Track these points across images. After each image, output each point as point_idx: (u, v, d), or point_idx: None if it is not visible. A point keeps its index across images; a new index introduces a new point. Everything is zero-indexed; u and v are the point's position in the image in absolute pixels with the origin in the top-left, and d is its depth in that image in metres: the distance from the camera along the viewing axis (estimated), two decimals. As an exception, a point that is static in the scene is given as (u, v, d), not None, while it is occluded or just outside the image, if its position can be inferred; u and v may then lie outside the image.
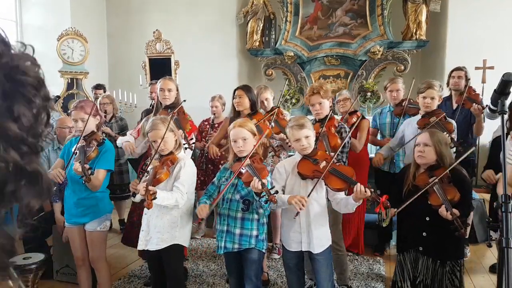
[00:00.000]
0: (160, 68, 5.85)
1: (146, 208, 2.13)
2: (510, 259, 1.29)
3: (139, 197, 2.27)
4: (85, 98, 5.65)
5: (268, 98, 3.59)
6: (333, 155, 2.33)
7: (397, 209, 2.24)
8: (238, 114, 3.22)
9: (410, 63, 6.04)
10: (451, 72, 3.92)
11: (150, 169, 2.34)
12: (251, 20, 6.59)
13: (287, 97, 6.30)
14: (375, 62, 6.17)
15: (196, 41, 6.84)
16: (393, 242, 3.76)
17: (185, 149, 2.61)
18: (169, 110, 3.06)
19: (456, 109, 3.68)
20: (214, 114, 4.13)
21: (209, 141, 3.85)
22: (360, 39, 6.16)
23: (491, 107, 3.34)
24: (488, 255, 3.75)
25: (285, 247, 2.38)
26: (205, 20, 6.88)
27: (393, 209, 2.26)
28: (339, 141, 2.75)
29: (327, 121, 2.84)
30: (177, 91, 3.15)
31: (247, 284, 2.31)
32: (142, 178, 2.33)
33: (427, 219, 2.28)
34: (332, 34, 6.31)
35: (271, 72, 6.63)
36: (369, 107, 6.04)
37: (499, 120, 3.24)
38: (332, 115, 2.93)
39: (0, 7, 6.48)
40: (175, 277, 2.43)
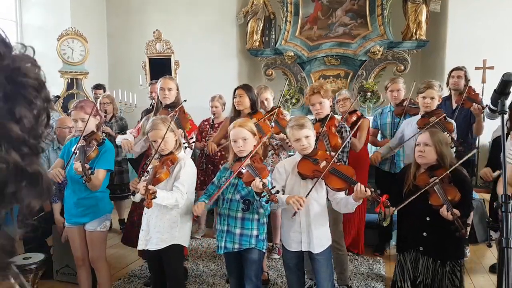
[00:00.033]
0: (160, 68, 5.85)
1: (146, 207, 2.13)
2: (510, 259, 1.29)
3: (139, 197, 2.27)
4: (85, 98, 5.65)
5: (268, 98, 3.59)
6: (334, 154, 2.33)
7: (396, 207, 2.24)
8: (238, 113, 3.22)
9: (410, 63, 6.04)
10: (451, 71, 3.92)
11: (150, 168, 2.34)
12: (251, 20, 6.59)
13: (287, 97, 6.30)
14: (375, 62, 6.16)
15: (196, 41, 6.84)
16: (393, 242, 3.75)
17: (185, 148, 2.62)
18: (169, 109, 3.06)
19: (455, 108, 3.68)
20: (214, 114, 4.13)
21: (209, 141, 3.86)
22: (360, 39, 6.16)
23: (491, 107, 3.34)
24: (488, 255, 3.75)
25: (285, 247, 2.38)
26: (205, 20, 6.88)
27: (391, 208, 2.26)
28: (339, 141, 2.76)
29: (328, 121, 2.85)
30: (177, 90, 3.15)
31: (247, 284, 2.31)
32: (142, 177, 2.34)
33: (428, 219, 2.28)
34: (332, 34, 6.31)
35: (271, 72, 6.63)
36: (369, 107, 6.04)
37: (498, 120, 3.24)
38: (332, 114, 2.94)
39: (0, 7, 6.48)
40: (175, 277, 2.43)
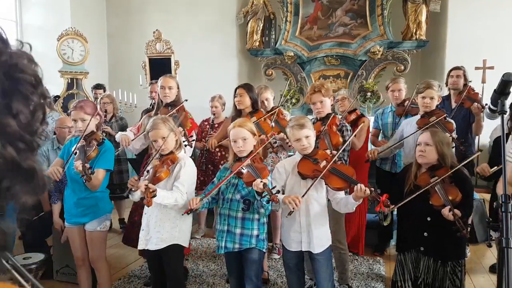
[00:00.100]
0: (160, 68, 5.85)
1: (146, 205, 2.13)
2: (510, 259, 1.29)
3: (138, 195, 2.29)
4: (85, 98, 5.65)
5: (268, 98, 3.59)
6: (335, 153, 2.33)
7: (395, 205, 2.24)
8: (239, 112, 3.22)
9: (410, 63, 6.03)
10: (450, 71, 3.93)
11: (150, 168, 2.34)
12: (251, 20, 6.59)
13: (287, 97, 6.30)
14: (375, 62, 6.16)
15: (196, 41, 6.84)
16: (393, 242, 3.75)
17: (185, 146, 2.62)
18: (169, 107, 3.05)
19: (454, 108, 3.68)
20: (214, 114, 4.12)
21: (208, 142, 3.86)
22: (360, 39, 6.16)
23: (491, 107, 3.34)
24: (488, 255, 3.75)
25: (285, 247, 2.38)
26: (205, 20, 6.88)
27: (391, 205, 2.26)
28: (340, 139, 2.76)
29: (329, 120, 2.84)
30: (178, 88, 3.15)
31: (247, 284, 2.31)
32: (142, 177, 2.35)
33: (429, 219, 2.28)
34: (332, 34, 6.31)
35: (271, 72, 6.63)
36: (369, 107, 6.04)
37: (498, 120, 3.24)
38: (334, 113, 2.93)
39: (0, 7, 6.48)
40: (175, 277, 2.43)
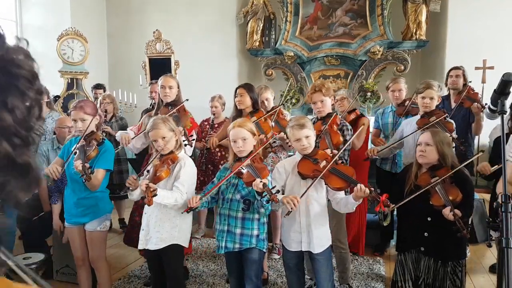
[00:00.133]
0: (160, 68, 5.85)
1: (146, 205, 2.13)
2: (510, 259, 1.29)
3: (137, 194, 2.32)
4: (85, 98, 5.65)
5: (268, 98, 3.59)
6: (336, 153, 2.33)
7: (395, 205, 2.24)
8: (240, 112, 3.23)
9: (410, 63, 6.04)
10: (449, 71, 3.94)
11: (150, 168, 2.35)
12: (251, 20, 6.59)
13: (288, 97, 6.31)
14: (375, 62, 6.17)
15: (196, 41, 6.84)
16: (393, 241, 3.75)
17: (185, 145, 2.62)
18: (170, 107, 3.05)
19: (454, 108, 3.68)
20: (214, 114, 4.12)
21: (209, 141, 3.86)
22: (360, 39, 6.16)
23: (491, 107, 3.34)
24: (488, 255, 3.75)
25: (285, 247, 2.38)
26: (205, 20, 6.88)
27: (391, 204, 2.26)
28: (341, 139, 2.75)
29: (330, 119, 2.84)
30: (178, 88, 3.15)
31: (248, 284, 2.31)
32: (141, 176, 2.38)
33: (429, 219, 2.28)
34: (332, 34, 6.31)
35: (271, 72, 6.63)
36: (369, 107, 6.04)
37: (498, 119, 3.22)
38: (335, 112, 2.93)
39: (0, 7, 6.48)
40: (175, 277, 2.43)
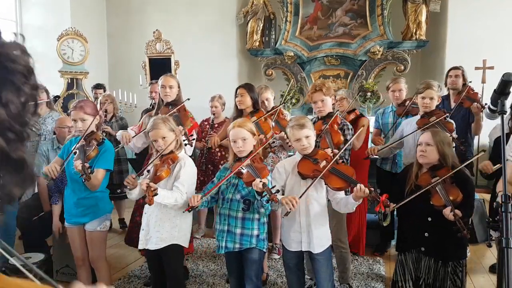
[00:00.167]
0: (160, 68, 5.84)
1: (147, 204, 2.14)
2: (510, 259, 1.29)
3: (135, 194, 2.33)
4: (85, 98, 5.65)
5: (268, 98, 3.59)
6: (336, 152, 2.33)
7: (396, 205, 2.24)
8: (240, 112, 3.23)
9: (410, 63, 6.04)
10: (448, 71, 3.95)
11: (150, 167, 2.35)
12: (251, 20, 6.59)
13: (288, 97, 6.31)
14: (375, 62, 6.17)
15: (196, 41, 6.84)
16: (393, 241, 3.75)
17: (185, 145, 2.62)
18: (170, 107, 3.05)
19: (454, 108, 3.68)
20: (213, 114, 4.12)
21: (209, 141, 3.86)
22: (360, 39, 6.16)
23: (491, 107, 3.34)
24: (488, 255, 3.75)
25: (285, 247, 2.38)
26: (205, 20, 6.88)
27: (391, 204, 2.26)
28: (342, 138, 2.74)
29: (331, 119, 2.83)
30: (179, 88, 3.15)
31: (248, 284, 2.31)
32: (141, 176, 2.39)
33: (429, 219, 2.28)
34: (332, 34, 6.31)
35: (271, 72, 6.63)
36: (369, 107, 6.04)
37: (497, 119, 3.21)
38: (337, 111, 2.91)
39: (0, 7, 6.48)
40: (175, 277, 2.43)
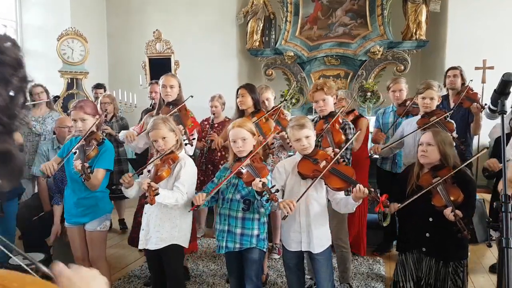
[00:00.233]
0: (160, 68, 5.84)
1: (149, 204, 2.14)
2: (510, 259, 1.29)
3: (132, 192, 2.37)
4: (85, 98, 5.65)
5: (269, 98, 3.59)
6: (337, 151, 2.33)
7: (401, 205, 2.24)
8: (242, 113, 3.24)
9: (410, 63, 6.04)
10: (447, 71, 3.96)
11: (151, 167, 2.35)
12: (251, 20, 6.59)
13: (288, 97, 6.31)
14: (375, 62, 6.17)
15: (196, 41, 6.84)
16: (395, 242, 3.75)
17: (185, 144, 2.61)
18: (171, 106, 3.05)
19: (453, 108, 3.68)
20: (213, 114, 4.12)
21: (209, 141, 3.87)
22: (360, 39, 6.16)
23: (491, 107, 3.34)
24: (488, 255, 3.75)
25: (285, 247, 2.38)
26: (205, 20, 6.89)
27: (396, 204, 2.26)
28: (343, 137, 2.74)
29: (333, 118, 2.82)
30: (179, 87, 3.15)
31: (248, 284, 2.31)
32: (140, 175, 2.43)
33: (430, 219, 2.27)
34: (332, 34, 6.32)
35: (271, 72, 6.63)
36: (369, 107, 6.04)
37: (497, 119, 3.20)
38: (338, 111, 2.90)
39: (0, 7, 6.48)
40: (175, 277, 2.43)
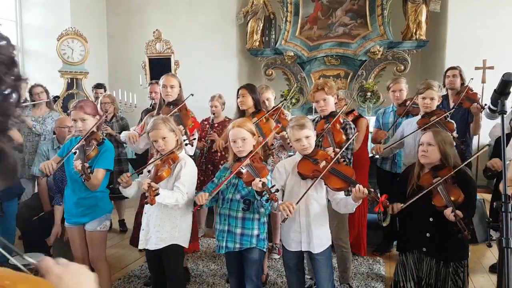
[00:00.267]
0: (160, 68, 5.85)
1: (149, 204, 2.14)
2: (510, 259, 1.29)
3: (132, 192, 2.38)
4: (85, 98, 5.65)
5: (269, 98, 3.59)
6: (338, 151, 2.33)
7: (404, 205, 2.24)
8: (243, 113, 3.24)
9: (410, 63, 6.04)
10: (446, 71, 3.96)
11: (151, 168, 2.35)
12: (251, 20, 6.59)
13: (289, 97, 6.31)
14: (375, 62, 6.17)
15: (196, 41, 6.84)
16: (395, 242, 3.74)
17: (186, 145, 2.61)
18: (171, 106, 3.05)
19: (453, 108, 3.68)
20: (213, 113, 4.12)
21: (209, 141, 3.87)
22: (360, 39, 6.16)
23: (491, 107, 3.34)
24: (488, 255, 3.75)
25: (285, 247, 2.38)
26: (205, 20, 6.89)
27: (399, 204, 2.26)
28: (344, 137, 2.73)
29: (334, 118, 2.81)
30: (180, 87, 3.15)
31: (248, 284, 2.31)
32: (139, 173, 2.45)
33: (431, 219, 2.27)
34: (332, 34, 6.32)
35: (271, 72, 6.63)
36: (369, 107, 6.04)
37: (496, 119, 3.19)
38: (339, 111, 2.90)
39: (0, 7, 6.48)
40: (175, 277, 2.43)
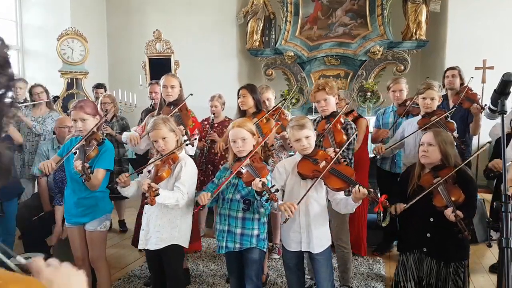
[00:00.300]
0: (160, 68, 5.86)
1: (149, 204, 2.14)
2: (510, 259, 1.29)
3: (131, 192, 2.40)
4: (85, 98, 5.65)
5: (269, 98, 3.60)
6: (338, 151, 2.33)
7: (406, 205, 2.24)
8: (243, 113, 3.24)
9: (410, 63, 6.04)
10: (445, 71, 3.96)
11: (151, 168, 2.35)
12: (251, 20, 6.60)
13: (289, 97, 6.31)
14: (375, 62, 6.17)
15: (196, 41, 6.84)
16: (395, 242, 3.74)
17: (186, 145, 2.61)
18: (172, 106, 3.05)
19: (452, 108, 3.68)
20: (213, 113, 4.12)
21: (209, 141, 3.87)
22: (360, 39, 6.16)
23: (491, 107, 3.34)
24: (488, 255, 3.75)
25: (285, 247, 2.38)
26: (205, 20, 6.89)
27: (402, 204, 2.26)
28: (344, 137, 2.73)
29: (335, 118, 2.81)
30: (180, 87, 3.15)
31: (248, 284, 2.31)
32: (139, 173, 2.46)
33: (431, 220, 2.27)
34: (332, 34, 6.32)
35: (271, 72, 6.63)
36: (369, 107, 6.04)
37: (494, 120, 3.19)
38: (340, 111, 2.90)
39: (0, 7, 6.48)
40: (175, 277, 2.43)
